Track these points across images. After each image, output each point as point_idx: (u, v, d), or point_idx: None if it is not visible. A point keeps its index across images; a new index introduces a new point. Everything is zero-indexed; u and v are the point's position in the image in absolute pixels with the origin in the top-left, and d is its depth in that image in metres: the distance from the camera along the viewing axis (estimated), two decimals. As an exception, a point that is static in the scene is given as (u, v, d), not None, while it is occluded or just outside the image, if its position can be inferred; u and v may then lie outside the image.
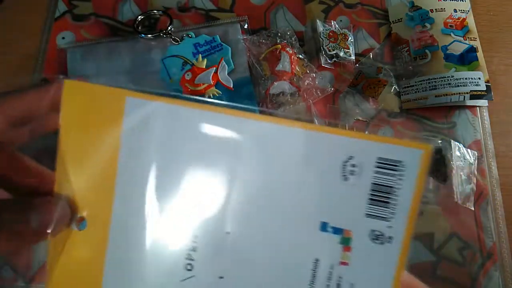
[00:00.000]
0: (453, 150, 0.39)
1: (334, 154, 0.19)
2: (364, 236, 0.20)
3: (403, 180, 0.19)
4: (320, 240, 0.20)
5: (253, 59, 0.43)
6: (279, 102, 0.42)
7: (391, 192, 0.19)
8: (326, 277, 0.20)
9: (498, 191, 0.41)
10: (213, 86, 0.41)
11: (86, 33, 0.45)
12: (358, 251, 0.20)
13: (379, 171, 0.19)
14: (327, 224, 0.20)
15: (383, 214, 0.19)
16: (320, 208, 0.20)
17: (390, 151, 0.19)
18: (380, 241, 0.20)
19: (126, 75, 0.42)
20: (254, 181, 0.20)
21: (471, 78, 0.42)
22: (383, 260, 0.20)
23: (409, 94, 0.43)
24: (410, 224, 0.19)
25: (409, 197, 0.19)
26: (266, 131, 0.19)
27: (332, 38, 0.44)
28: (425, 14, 0.46)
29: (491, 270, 0.38)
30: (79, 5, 0.46)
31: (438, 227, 0.39)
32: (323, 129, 0.19)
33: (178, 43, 0.43)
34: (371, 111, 0.43)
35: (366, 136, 0.19)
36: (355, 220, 0.20)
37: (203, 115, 0.19)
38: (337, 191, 0.19)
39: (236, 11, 0.46)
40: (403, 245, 0.19)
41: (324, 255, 0.20)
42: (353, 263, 0.20)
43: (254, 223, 0.20)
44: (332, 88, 0.43)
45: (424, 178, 0.19)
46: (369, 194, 0.19)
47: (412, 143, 0.19)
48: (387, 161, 0.19)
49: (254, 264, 0.20)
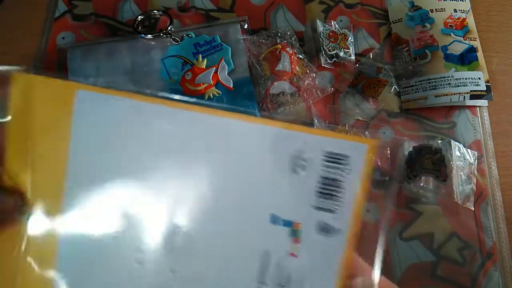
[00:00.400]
0: (453, 150, 0.39)
1: (284, 148, 0.20)
2: (312, 228, 0.20)
3: (350, 173, 0.20)
4: (270, 233, 0.20)
5: (253, 59, 0.43)
6: (279, 102, 0.42)
7: (338, 185, 0.20)
8: (276, 268, 0.20)
9: (498, 191, 0.41)
10: (213, 86, 0.41)
11: (86, 33, 0.45)
12: (306, 243, 0.20)
13: (327, 165, 0.20)
14: (277, 216, 0.20)
15: (330, 207, 0.20)
16: (270, 201, 0.20)
17: (337, 146, 0.19)
18: (328, 233, 0.20)
19: (126, 75, 0.42)
20: (204, 174, 0.20)
21: (471, 78, 0.42)
22: (330, 251, 0.20)
23: (409, 94, 0.43)
24: (356, 216, 0.20)
25: (355, 190, 0.20)
26: (217, 125, 0.20)
27: (332, 38, 0.44)
28: (425, 14, 0.46)
29: (491, 270, 0.38)
30: (79, 5, 0.46)
31: (438, 227, 0.39)
32: (273, 123, 0.20)
33: (178, 43, 0.43)
34: (371, 111, 0.43)
35: (315, 130, 0.20)
36: (304, 212, 0.20)
37: (157, 109, 0.19)
38: (287, 185, 0.20)
39: (236, 11, 0.46)
40: (349, 235, 0.20)
41: (273, 247, 0.20)
42: (301, 255, 0.20)
43: (204, 216, 0.20)
44: (332, 88, 0.43)
45: (369, 172, 0.20)
46: (317, 187, 0.20)
47: (358, 138, 0.20)
48: (335, 155, 0.19)
49: (204, 257, 0.20)
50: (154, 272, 0.20)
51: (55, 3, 0.46)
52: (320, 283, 0.20)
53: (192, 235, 0.20)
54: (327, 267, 0.20)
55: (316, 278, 0.20)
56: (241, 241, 0.20)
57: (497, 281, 0.37)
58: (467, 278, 0.38)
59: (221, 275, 0.20)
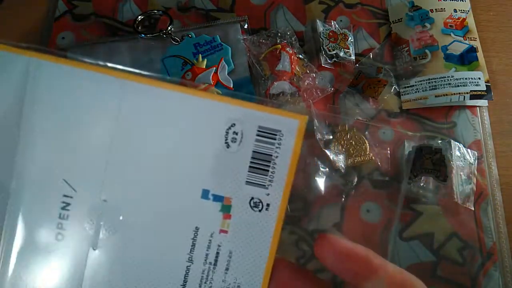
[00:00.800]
0: (453, 150, 0.39)
1: (217, 121, 0.19)
2: (243, 203, 0.20)
3: (281, 148, 0.19)
4: (201, 208, 0.20)
5: (253, 59, 0.43)
6: (279, 102, 0.42)
7: (270, 160, 0.19)
8: (206, 245, 0.20)
9: (498, 191, 0.41)
10: (213, 86, 0.41)
11: (86, 33, 0.45)
12: (237, 219, 0.20)
13: (260, 139, 0.19)
14: (208, 191, 0.20)
15: (262, 182, 0.20)
16: (201, 176, 0.20)
17: (270, 120, 0.19)
18: (259, 209, 0.20)
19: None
20: (135, 146, 0.19)
21: (471, 78, 0.42)
22: (261, 227, 0.20)
23: (409, 94, 0.43)
24: (286, 192, 0.20)
25: (286, 165, 0.20)
26: (148, 95, 0.19)
27: (332, 38, 0.44)
28: (425, 14, 0.46)
29: (491, 270, 0.38)
30: (79, 5, 0.46)
31: (438, 227, 0.39)
32: (206, 95, 0.19)
33: (178, 43, 0.43)
34: (371, 111, 0.43)
35: (248, 104, 0.19)
36: (236, 187, 0.20)
37: (82, 74, 0.19)
38: (219, 158, 0.19)
39: (236, 11, 0.46)
40: (280, 212, 0.20)
41: (204, 223, 0.20)
42: (232, 231, 0.20)
43: (133, 190, 0.20)
44: (332, 88, 0.43)
45: (299, 147, 0.19)
46: (249, 162, 0.19)
47: (289, 113, 0.19)
48: (267, 129, 0.19)
49: (133, 232, 0.20)
50: (74, 248, 0.20)
51: (55, 3, 0.46)
52: (251, 259, 0.20)
53: (120, 208, 0.20)
54: (258, 243, 0.20)
55: (247, 254, 0.20)
56: (172, 216, 0.20)
57: (497, 281, 0.37)
58: (467, 278, 0.38)
59: (151, 252, 0.20)
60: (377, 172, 0.41)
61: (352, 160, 0.41)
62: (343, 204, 0.39)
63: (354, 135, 0.41)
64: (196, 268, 0.20)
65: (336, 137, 0.41)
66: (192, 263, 0.20)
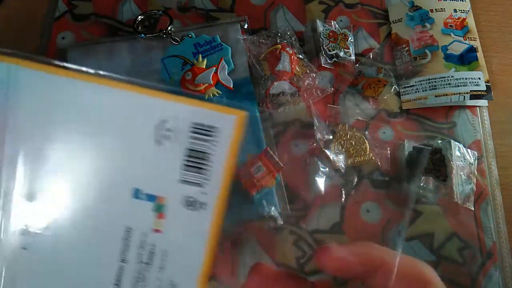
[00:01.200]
0: (453, 150, 0.39)
1: (146, 116, 0.18)
2: (177, 202, 0.19)
3: (218, 146, 0.19)
4: (133, 208, 0.19)
5: (253, 59, 0.43)
6: (279, 102, 0.42)
7: (205, 158, 0.19)
8: (139, 245, 0.19)
9: (498, 191, 0.41)
10: (213, 86, 0.41)
11: (86, 33, 0.45)
12: (171, 218, 0.19)
13: (194, 136, 0.19)
14: (140, 190, 0.19)
15: (197, 180, 0.19)
16: (133, 175, 0.19)
17: (204, 116, 0.18)
18: (194, 208, 0.19)
19: (126, 75, 0.42)
20: (63, 145, 0.19)
21: (471, 78, 0.42)
22: (197, 227, 0.19)
23: (409, 94, 0.43)
24: (223, 190, 0.19)
25: (222, 163, 0.19)
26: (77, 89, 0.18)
27: (332, 38, 0.44)
28: (425, 14, 0.46)
29: (491, 270, 0.38)
30: (79, 5, 0.46)
31: (438, 227, 0.39)
32: (135, 89, 0.18)
33: (178, 43, 0.43)
34: (371, 111, 0.43)
35: (181, 99, 0.18)
36: (169, 186, 0.19)
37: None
38: (150, 156, 0.19)
39: (236, 11, 0.46)
40: (216, 211, 0.19)
41: (136, 223, 0.19)
42: (166, 231, 0.19)
43: (63, 188, 0.19)
44: (332, 88, 0.43)
45: (237, 144, 0.19)
46: (183, 160, 0.19)
47: (225, 109, 0.18)
48: (202, 126, 0.18)
49: (62, 232, 0.19)
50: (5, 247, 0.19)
51: (55, 3, 0.46)
52: (187, 259, 0.20)
53: (48, 208, 0.19)
54: (194, 242, 0.20)
55: (183, 254, 0.20)
56: (102, 216, 0.19)
57: (497, 281, 0.37)
58: (467, 278, 0.38)
59: (83, 253, 0.19)
60: (377, 172, 0.41)
61: (352, 160, 0.41)
62: (343, 204, 0.39)
63: (354, 135, 0.41)
64: (130, 268, 0.19)
65: (336, 137, 0.41)
66: (125, 262, 0.19)
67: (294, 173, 0.40)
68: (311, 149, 0.41)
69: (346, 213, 0.39)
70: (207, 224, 0.19)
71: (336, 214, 0.39)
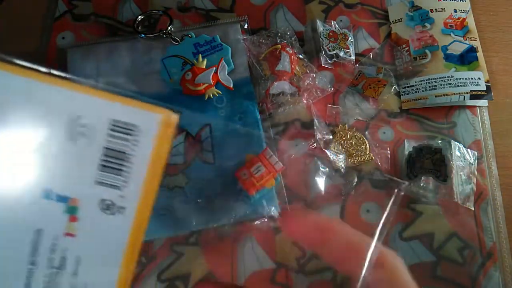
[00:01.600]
0: (453, 150, 0.39)
1: (60, 111, 0.17)
2: (93, 205, 0.18)
3: (139, 146, 0.17)
4: (43, 209, 0.18)
5: (253, 59, 0.43)
6: (279, 102, 0.42)
7: (125, 158, 0.17)
8: (49, 249, 0.18)
9: (498, 191, 0.41)
10: (213, 86, 0.41)
11: (86, 33, 0.45)
12: (85, 222, 0.18)
13: (113, 135, 0.17)
14: (51, 191, 0.18)
15: (115, 182, 0.18)
16: (44, 173, 0.17)
17: (125, 113, 0.17)
18: (111, 211, 0.18)
19: (126, 75, 0.42)
20: None
21: (471, 78, 0.42)
22: (114, 231, 0.18)
23: (409, 94, 0.43)
24: (146, 194, 0.18)
25: (145, 165, 0.17)
26: None
27: (332, 38, 0.44)
28: (425, 14, 0.46)
29: (491, 270, 0.38)
30: (79, 5, 0.46)
31: (438, 227, 0.39)
32: (49, 80, 0.17)
33: (178, 43, 0.43)
34: (371, 111, 0.43)
35: (100, 93, 0.17)
36: (83, 187, 0.18)
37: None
38: (64, 154, 0.17)
39: (236, 11, 0.46)
40: (137, 215, 0.18)
41: (47, 225, 0.18)
42: (80, 235, 0.18)
43: None
44: (332, 88, 0.43)
45: (164, 146, 0.17)
46: (100, 160, 0.17)
47: (149, 107, 0.17)
48: (122, 124, 0.17)
49: None
50: None
51: (55, 3, 0.46)
52: (102, 265, 0.18)
53: None
54: (112, 249, 0.18)
55: (98, 260, 0.18)
56: (11, 217, 0.18)
57: (497, 281, 0.37)
58: (467, 278, 0.38)
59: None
60: (377, 172, 0.41)
61: (352, 160, 0.41)
62: (343, 204, 0.39)
63: (354, 135, 0.41)
64: (40, 272, 0.18)
65: (336, 137, 0.41)
66: (35, 266, 0.18)
67: (294, 173, 0.40)
68: (311, 149, 0.41)
69: (346, 213, 0.39)
70: (125, 230, 0.18)
71: (336, 214, 0.39)
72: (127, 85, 0.42)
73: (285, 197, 0.39)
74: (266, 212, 0.38)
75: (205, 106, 0.41)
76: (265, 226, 0.38)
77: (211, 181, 0.38)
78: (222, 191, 0.38)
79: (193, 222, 0.37)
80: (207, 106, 0.41)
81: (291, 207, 0.20)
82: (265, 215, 0.38)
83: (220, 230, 0.38)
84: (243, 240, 0.38)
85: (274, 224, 0.38)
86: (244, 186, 0.36)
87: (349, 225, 0.21)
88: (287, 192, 0.39)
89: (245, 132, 0.40)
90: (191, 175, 0.39)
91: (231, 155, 0.39)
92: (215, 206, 0.38)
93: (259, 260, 0.38)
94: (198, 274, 0.37)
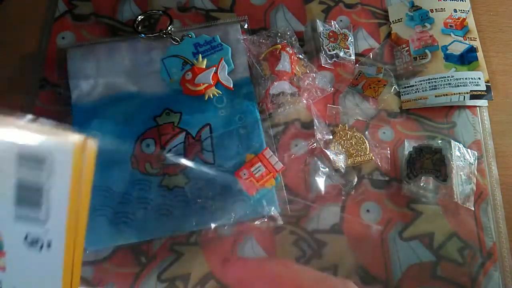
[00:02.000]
0: (453, 150, 0.39)
1: None
2: (17, 240, 0.17)
3: (54, 177, 0.16)
4: None
5: (253, 59, 0.43)
6: (279, 102, 0.42)
7: (41, 190, 0.16)
8: None
9: (498, 191, 0.41)
10: (213, 86, 0.41)
11: (86, 33, 0.45)
12: (13, 256, 0.17)
13: (23, 168, 0.16)
14: None
15: (35, 216, 0.17)
16: None
17: (33, 145, 0.16)
18: (38, 246, 0.17)
19: (126, 75, 0.42)
20: None
21: (471, 78, 0.42)
22: (46, 267, 0.17)
23: (409, 94, 0.43)
24: (73, 226, 0.17)
25: (64, 195, 0.17)
26: None
27: (332, 38, 0.44)
28: (425, 14, 0.46)
29: (491, 270, 0.38)
30: (79, 5, 0.46)
31: (438, 227, 0.39)
32: None
33: (178, 43, 0.43)
34: (371, 111, 0.43)
35: (9, 121, 0.16)
36: (4, 223, 0.17)
37: None
38: None
39: (236, 11, 0.46)
40: (67, 249, 0.17)
41: None
42: (10, 268, 0.18)
43: None
44: (332, 88, 0.43)
45: (82, 172, 0.16)
46: (15, 194, 0.17)
47: (62, 135, 0.16)
48: (30, 156, 0.16)
49: None
50: None
51: (55, 3, 0.46)
52: None
53: None
54: (45, 280, 0.18)
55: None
56: None
57: (497, 281, 0.37)
58: (467, 278, 0.38)
59: None
60: (377, 172, 0.41)
61: (352, 160, 0.41)
62: (343, 204, 0.40)
63: (354, 135, 0.41)
64: None
65: (336, 137, 0.41)
66: None
67: (294, 173, 0.40)
68: (311, 149, 0.41)
69: (346, 213, 0.39)
70: (57, 265, 0.17)
71: (336, 214, 0.39)
72: (127, 85, 0.42)
73: (285, 197, 0.39)
74: (266, 212, 0.38)
75: (205, 106, 0.41)
76: (265, 226, 0.38)
77: (211, 181, 0.38)
78: (222, 191, 0.38)
79: (193, 222, 0.37)
80: (207, 106, 0.41)
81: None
82: (265, 215, 0.38)
83: (220, 230, 0.38)
84: (243, 240, 0.38)
85: (274, 224, 0.38)
86: (244, 186, 0.36)
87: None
88: (287, 192, 0.39)
89: (245, 132, 0.40)
90: (191, 175, 0.39)
91: (231, 155, 0.39)
92: (215, 206, 0.38)
93: (259, 259, 0.38)
94: (198, 274, 0.37)
